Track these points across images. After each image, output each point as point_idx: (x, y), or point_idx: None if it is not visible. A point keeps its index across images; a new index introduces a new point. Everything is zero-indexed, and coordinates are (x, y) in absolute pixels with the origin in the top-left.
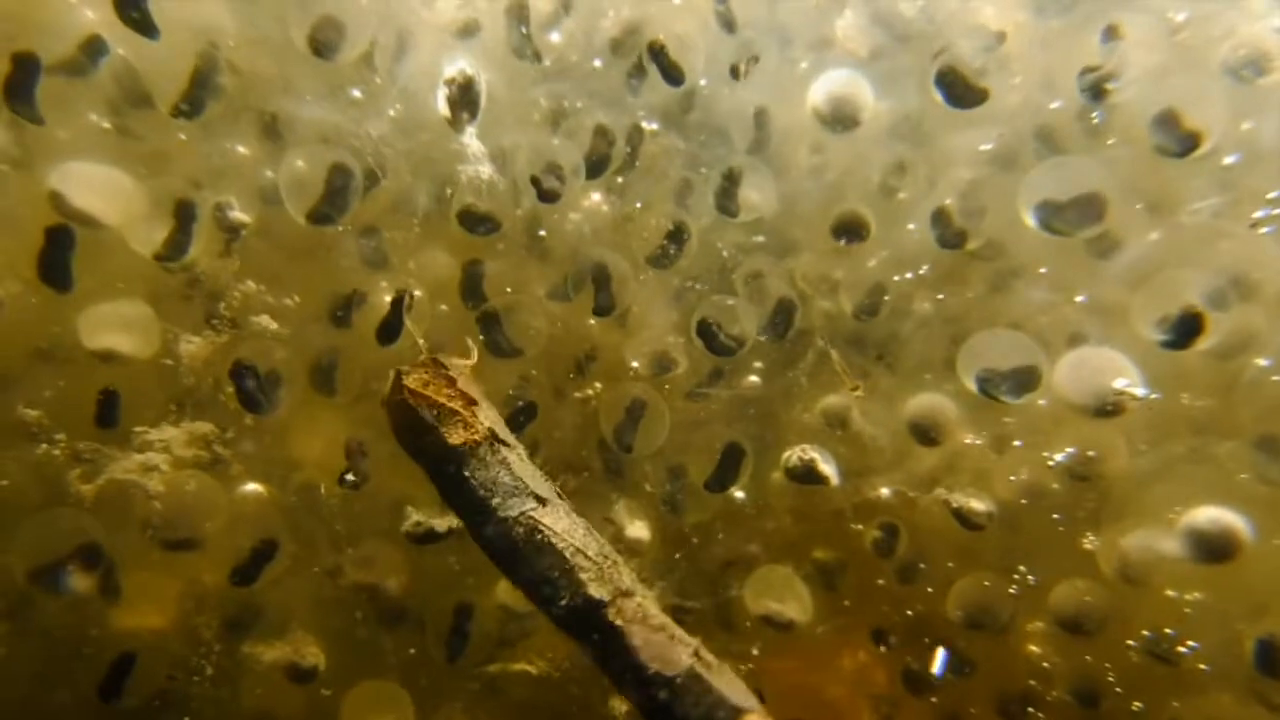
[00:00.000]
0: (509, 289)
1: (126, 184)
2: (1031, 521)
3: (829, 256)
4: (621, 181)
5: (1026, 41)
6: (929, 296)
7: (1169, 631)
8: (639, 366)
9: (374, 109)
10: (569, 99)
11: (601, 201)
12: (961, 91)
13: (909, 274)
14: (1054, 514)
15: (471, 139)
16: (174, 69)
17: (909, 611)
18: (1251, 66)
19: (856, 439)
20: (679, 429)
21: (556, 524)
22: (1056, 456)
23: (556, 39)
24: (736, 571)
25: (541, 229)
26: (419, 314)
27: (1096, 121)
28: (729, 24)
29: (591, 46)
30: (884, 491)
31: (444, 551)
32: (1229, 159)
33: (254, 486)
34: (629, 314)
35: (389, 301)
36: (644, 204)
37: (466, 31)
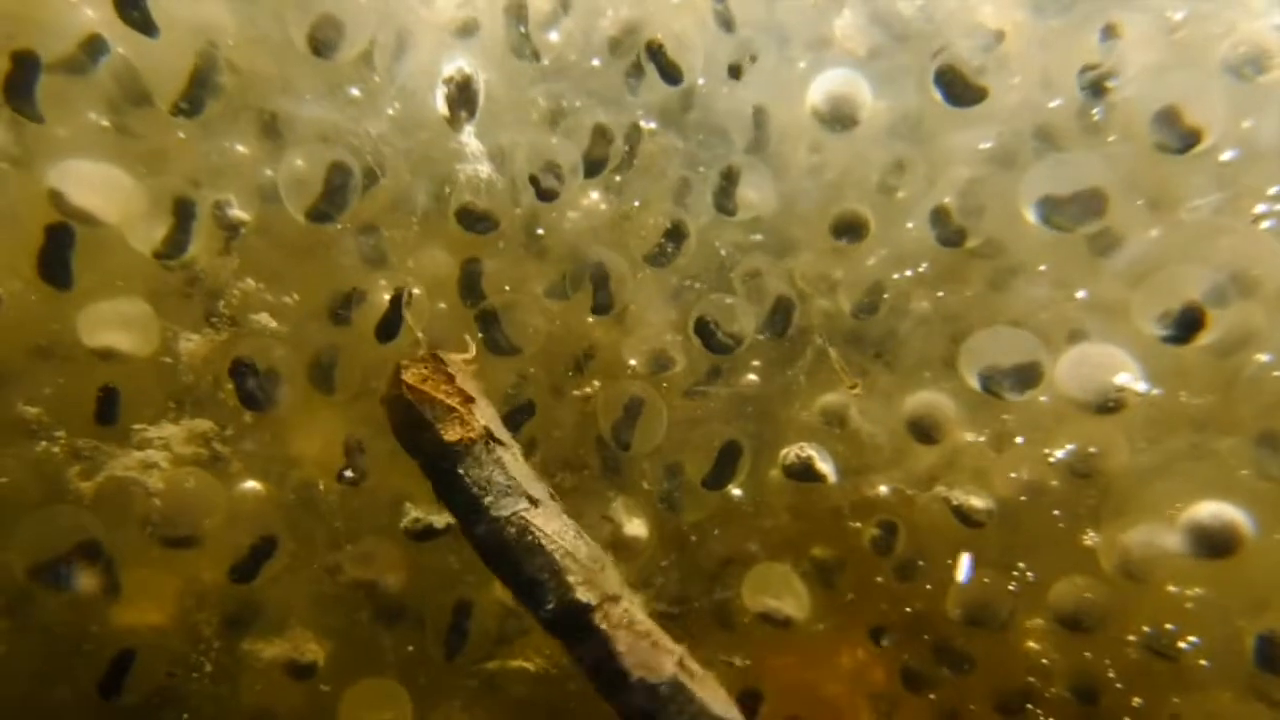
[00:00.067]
0: (507, 287)
1: (126, 182)
2: (1031, 519)
3: (828, 255)
4: (620, 180)
5: (1025, 41)
6: (928, 295)
7: (1169, 627)
8: (637, 364)
9: (373, 108)
10: (567, 98)
11: (600, 200)
12: (961, 90)
13: (908, 271)
14: (1054, 511)
15: (470, 138)
16: (174, 68)
17: (908, 609)
18: (1252, 64)
19: (855, 437)
20: (677, 427)
21: (548, 525)
22: (1057, 453)
23: (555, 38)
24: (735, 569)
25: (540, 227)
26: (418, 312)
27: (1096, 119)
28: (727, 23)
29: (590, 46)
30: (882, 489)
31: (443, 549)
32: (1228, 154)
33: (253, 484)
34: (627, 312)
35: (388, 299)
36: (642, 203)
37: (465, 30)
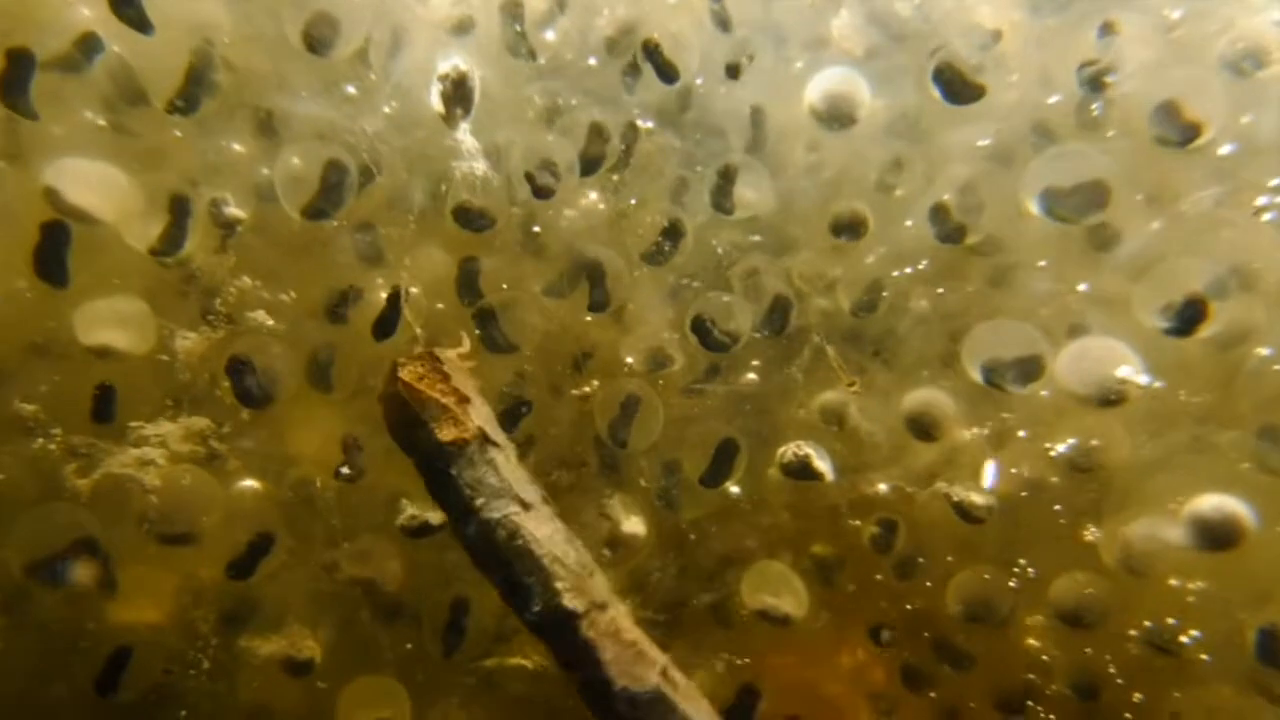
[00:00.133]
0: (505, 285)
1: (121, 180)
2: (1032, 514)
3: (826, 253)
4: (617, 180)
5: (1022, 40)
6: (926, 293)
7: (1171, 621)
8: (635, 363)
9: (369, 105)
10: (563, 96)
11: (598, 200)
12: (959, 87)
13: (907, 269)
14: (1055, 505)
15: (466, 135)
16: (169, 65)
17: (908, 606)
18: (1251, 59)
19: (854, 435)
20: (675, 425)
21: (538, 530)
22: (1059, 447)
23: (551, 37)
24: (733, 567)
25: (537, 226)
26: (415, 309)
27: (1095, 114)
28: (724, 23)
29: (587, 45)
30: (882, 487)
31: (441, 546)
32: (1228, 149)
33: (250, 482)
34: (625, 311)
35: (385, 297)
36: (640, 201)
37: (461, 28)
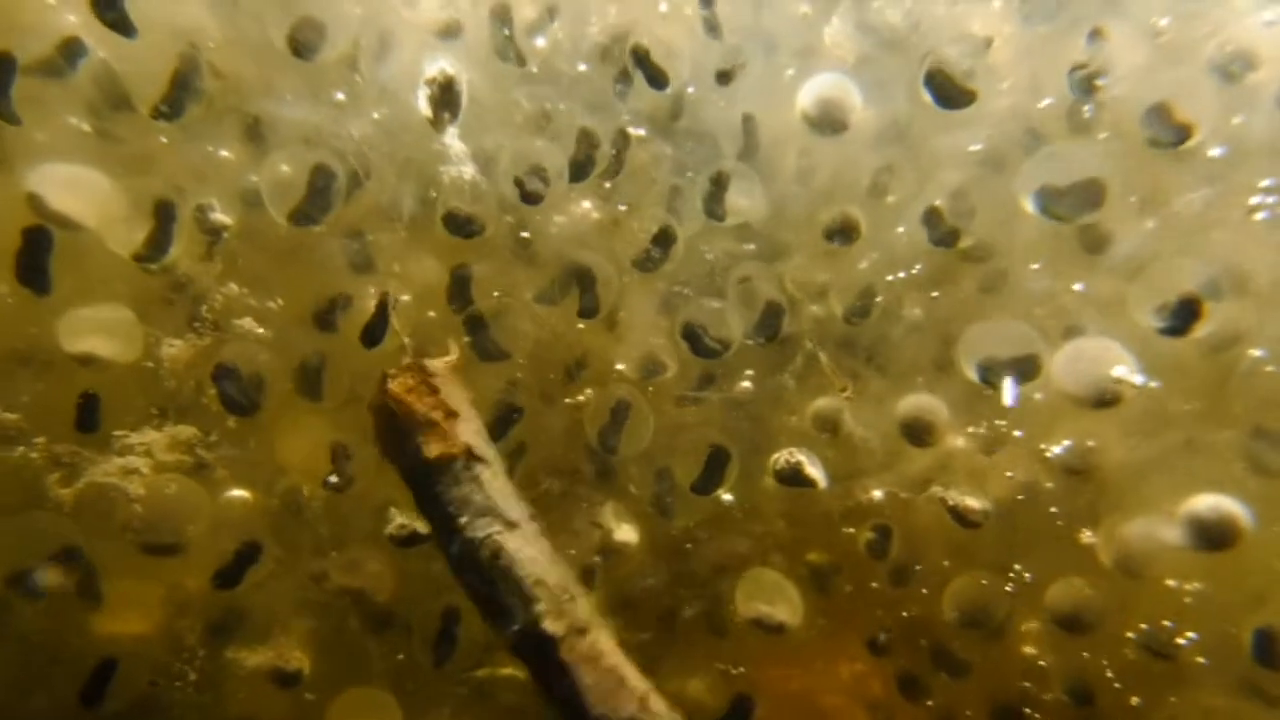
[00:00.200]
0: (496, 293)
1: (105, 185)
2: (1028, 518)
3: (818, 260)
4: (609, 187)
5: (1012, 47)
6: (919, 298)
7: (1167, 624)
8: (627, 370)
9: (356, 110)
10: (553, 102)
11: (590, 207)
12: (950, 92)
13: (900, 274)
14: (1051, 509)
15: (454, 139)
16: (154, 70)
17: (904, 613)
18: (1240, 62)
19: (848, 441)
20: (667, 432)
21: (521, 551)
22: (1054, 449)
23: (542, 44)
24: (728, 575)
25: (526, 232)
26: (404, 316)
27: (1086, 117)
28: (714, 30)
29: (578, 52)
30: (876, 493)
31: (431, 555)
32: (1218, 150)
33: (237, 491)
34: (618, 318)
35: (374, 305)
36: (631, 208)
37: (449, 32)
